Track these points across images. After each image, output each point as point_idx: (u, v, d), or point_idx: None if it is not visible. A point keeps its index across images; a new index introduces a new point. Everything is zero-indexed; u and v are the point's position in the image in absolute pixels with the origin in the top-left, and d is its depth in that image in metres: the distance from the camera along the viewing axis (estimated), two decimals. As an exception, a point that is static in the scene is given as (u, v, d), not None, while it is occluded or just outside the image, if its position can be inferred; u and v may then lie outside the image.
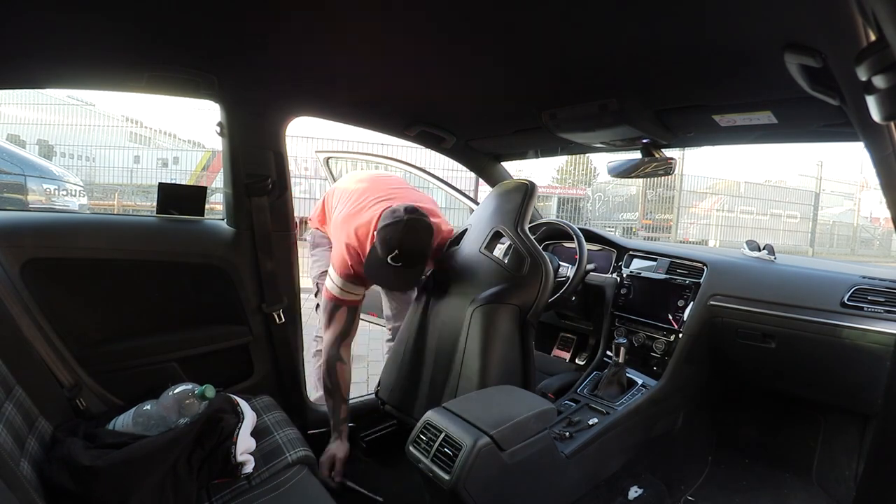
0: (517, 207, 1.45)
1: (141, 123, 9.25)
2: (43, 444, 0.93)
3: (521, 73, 1.15)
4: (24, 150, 4.55)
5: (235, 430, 1.06)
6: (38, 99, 7.88)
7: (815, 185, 10.55)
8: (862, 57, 0.48)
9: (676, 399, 1.61)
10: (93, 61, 1.14)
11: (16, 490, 0.59)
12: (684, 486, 1.55)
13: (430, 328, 1.50)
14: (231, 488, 0.99)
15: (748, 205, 10.54)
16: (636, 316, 1.74)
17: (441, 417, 1.08)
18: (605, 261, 1.91)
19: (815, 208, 10.57)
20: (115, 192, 7.76)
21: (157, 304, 1.37)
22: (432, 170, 2.44)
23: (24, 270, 1.15)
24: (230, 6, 0.89)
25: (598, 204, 10.62)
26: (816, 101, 0.85)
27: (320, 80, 1.29)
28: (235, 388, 1.44)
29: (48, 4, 0.87)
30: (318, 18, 0.92)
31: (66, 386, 1.12)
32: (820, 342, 1.36)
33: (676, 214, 9.59)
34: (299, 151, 7.43)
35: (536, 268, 1.36)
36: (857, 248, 12.05)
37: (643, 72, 1.05)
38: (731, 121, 1.19)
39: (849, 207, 12.73)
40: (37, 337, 1.08)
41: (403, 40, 1.01)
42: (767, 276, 1.53)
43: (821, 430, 1.58)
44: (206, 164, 8.63)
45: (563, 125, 1.37)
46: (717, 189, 10.69)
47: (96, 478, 0.86)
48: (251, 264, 1.44)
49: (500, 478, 1.03)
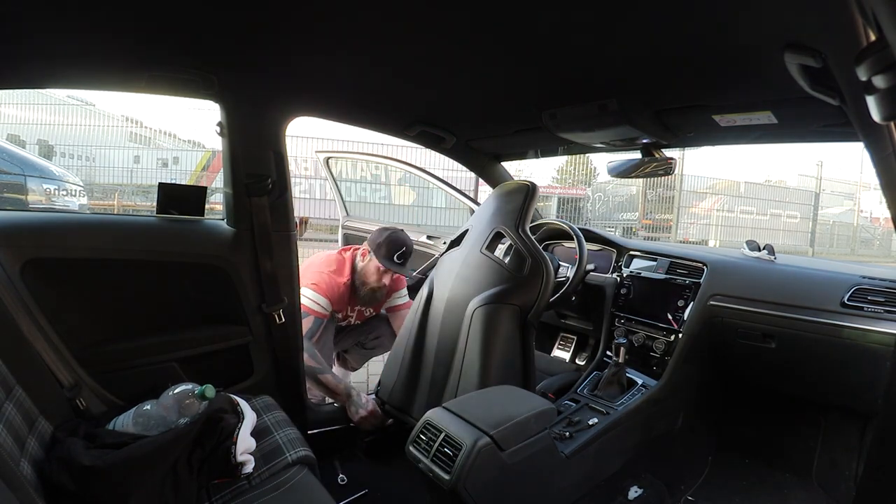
0: (518, 208, 1.45)
1: (141, 123, 9.25)
2: (43, 444, 0.93)
3: (521, 73, 1.15)
4: (24, 150, 4.55)
5: (235, 430, 1.06)
6: (38, 99, 7.88)
7: (815, 185, 10.55)
8: (862, 57, 0.48)
9: (676, 399, 1.61)
10: (93, 61, 1.14)
11: (16, 490, 0.59)
12: (684, 486, 1.55)
13: (430, 328, 1.50)
14: (231, 488, 0.99)
15: (748, 205, 10.54)
16: (636, 316, 1.74)
17: (441, 417, 1.08)
18: (605, 261, 1.91)
19: (815, 208, 10.58)
20: (115, 192, 7.77)
21: (157, 304, 1.37)
22: (432, 170, 2.45)
23: (24, 270, 1.15)
24: (230, 6, 0.89)
25: (598, 204, 10.63)
26: (816, 101, 0.85)
27: (320, 80, 1.29)
28: (235, 388, 1.44)
29: (48, 4, 0.87)
30: (318, 18, 0.92)
31: (66, 386, 1.12)
32: (820, 342, 1.36)
33: (676, 214, 9.59)
34: (299, 151, 7.44)
35: (537, 268, 1.36)
36: (857, 248, 12.04)
37: (643, 72, 1.05)
38: (731, 121, 1.19)
39: (849, 207, 12.73)
40: (37, 337, 1.08)
41: (403, 40, 1.01)
42: (767, 276, 1.53)
43: (821, 430, 1.58)
44: (206, 164, 8.64)
45: (563, 125, 1.37)
46: (717, 189, 10.69)
47: (96, 478, 0.86)
48: (251, 264, 1.44)
49: (500, 478, 1.03)
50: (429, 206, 8.31)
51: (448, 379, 1.39)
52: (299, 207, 1.96)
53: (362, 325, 2.03)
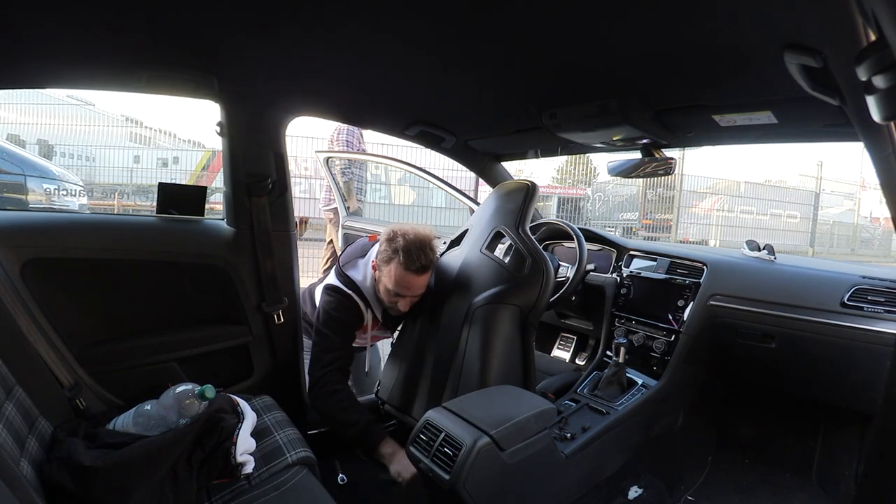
0: (518, 208, 1.45)
1: (141, 123, 9.24)
2: (43, 444, 0.93)
3: (521, 73, 1.14)
4: (24, 150, 4.55)
5: (235, 430, 1.06)
6: (38, 99, 7.87)
7: (815, 185, 10.54)
8: (862, 57, 0.48)
9: (676, 399, 1.61)
10: (93, 61, 1.14)
11: (16, 490, 0.59)
12: (684, 486, 1.55)
13: (430, 328, 1.50)
14: (231, 488, 0.99)
15: (748, 205, 10.53)
16: (636, 316, 1.74)
17: (441, 417, 1.08)
18: (605, 261, 1.91)
19: (815, 208, 10.57)
20: (115, 192, 7.77)
21: (157, 304, 1.37)
22: (432, 170, 2.44)
23: (24, 270, 1.15)
24: (230, 6, 0.89)
25: (598, 204, 10.62)
26: (816, 101, 0.85)
27: (320, 80, 1.29)
28: (235, 388, 1.44)
29: (48, 5, 0.87)
30: (318, 18, 0.92)
31: (66, 386, 1.12)
32: (820, 342, 1.36)
33: (676, 214, 9.58)
34: (299, 151, 7.42)
35: (537, 268, 1.36)
36: (857, 247, 12.04)
37: (643, 72, 1.05)
38: (731, 121, 1.19)
39: (849, 207, 12.72)
40: (37, 337, 1.08)
41: (403, 40, 1.01)
42: (767, 276, 1.53)
43: (821, 429, 1.58)
44: (206, 164, 8.63)
45: (563, 125, 1.37)
46: (717, 189, 10.68)
47: (96, 478, 0.86)
48: (251, 264, 1.44)
49: (499, 478, 1.03)
50: (429, 206, 8.30)
51: (448, 379, 1.39)
52: (299, 207, 1.95)
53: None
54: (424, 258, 1.35)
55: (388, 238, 1.38)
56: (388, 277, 1.37)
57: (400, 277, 1.35)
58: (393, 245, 1.35)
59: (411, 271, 1.34)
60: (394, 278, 1.36)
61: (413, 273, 1.35)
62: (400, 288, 1.37)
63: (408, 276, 1.35)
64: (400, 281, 1.36)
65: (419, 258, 1.34)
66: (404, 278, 1.35)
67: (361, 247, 1.54)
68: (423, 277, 1.39)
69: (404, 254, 1.33)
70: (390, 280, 1.36)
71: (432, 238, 1.41)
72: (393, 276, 1.35)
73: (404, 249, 1.33)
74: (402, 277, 1.35)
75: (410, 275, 1.35)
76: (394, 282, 1.36)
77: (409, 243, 1.34)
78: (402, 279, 1.35)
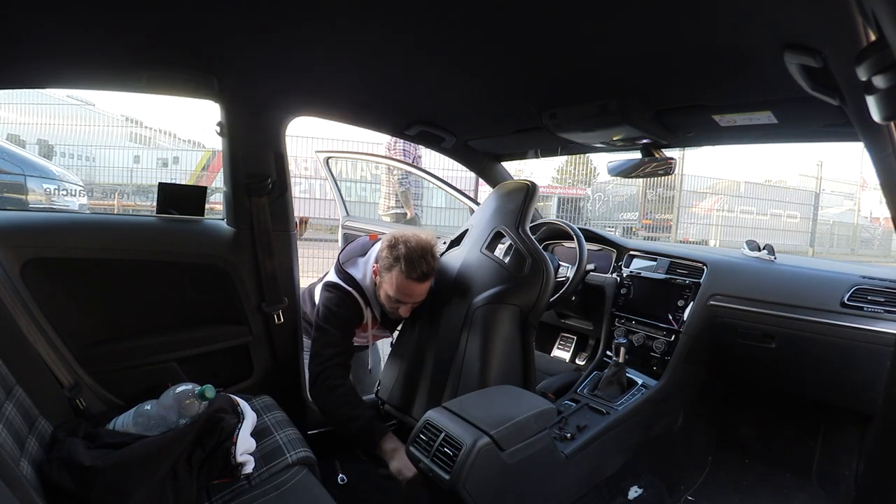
0: (518, 208, 1.45)
1: (141, 123, 9.23)
2: (43, 444, 0.93)
3: (521, 73, 1.14)
4: (24, 150, 4.55)
5: (235, 430, 1.06)
6: (38, 99, 7.87)
7: (815, 185, 10.54)
8: (862, 57, 0.48)
9: (676, 399, 1.61)
10: (93, 61, 1.14)
11: (16, 490, 0.59)
12: (684, 486, 1.55)
13: (430, 328, 1.50)
14: (231, 488, 0.99)
15: (748, 205, 10.53)
16: (636, 316, 1.74)
17: (441, 417, 1.08)
18: (605, 261, 1.91)
19: (815, 208, 10.57)
20: (115, 192, 7.77)
21: (157, 304, 1.37)
22: (432, 170, 2.45)
23: (24, 270, 1.15)
24: (230, 6, 0.89)
25: (598, 204, 10.61)
26: (816, 101, 0.85)
27: (320, 80, 1.29)
28: (235, 388, 1.44)
29: (48, 5, 0.87)
30: (317, 18, 0.92)
31: (66, 386, 1.12)
32: (820, 342, 1.36)
33: (676, 214, 9.58)
34: (299, 151, 7.42)
35: (537, 268, 1.36)
36: (857, 247, 12.04)
37: (643, 72, 1.05)
38: (731, 121, 1.19)
39: (849, 207, 12.72)
40: (37, 337, 1.08)
41: (403, 40, 1.01)
42: (767, 276, 1.53)
43: (821, 430, 1.58)
44: (206, 164, 8.63)
45: (563, 125, 1.37)
46: (717, 189, 10.68)
47: (96, 478, 0.86)
48: (251, 264, 1.44)
49: (499, 478, 1.03)
50: (429, 206, 8.30)
51: (448, 379, 1.39)
52: (299, 207, 1.95)
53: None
54: (426, 266, 1.35)
55: (389, 245, 1.37)
56: (390, 284, 1.36)
57: (401, 285, 1.35)
58: (394, 252, 1.34)
59: (413, 279, 1.34)
60: (395, 286, 1.35)
61: (414, 281, 1.35)
62: (401, 295, 1.37)
63: (409, 284, 1.35)
64: (401, 288, 1.35)
65: (421, 266, 1.33)
66: (406, 286, 1.35)
67: (361, 245, 1.54)
68: (425, 285, 1.39)
69: (406, 262, 1.33)
70: (392, 287, 1.36)
71: (434, 245, 1.40)
72: (394, 283, 1.35)
73: (406, 257, 1.33)
74: (403, 285, 1.35)
75: (412, 283, 1.35)
76: (395, 289, 1.36)
77: (410, 251, 1.33)
78: (403, 287, 1.35)
